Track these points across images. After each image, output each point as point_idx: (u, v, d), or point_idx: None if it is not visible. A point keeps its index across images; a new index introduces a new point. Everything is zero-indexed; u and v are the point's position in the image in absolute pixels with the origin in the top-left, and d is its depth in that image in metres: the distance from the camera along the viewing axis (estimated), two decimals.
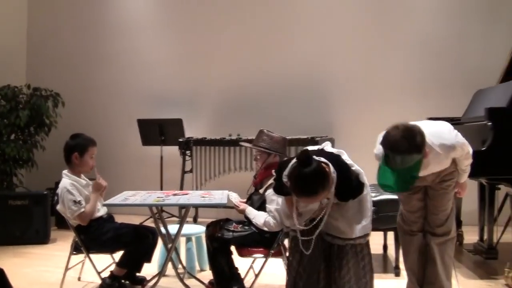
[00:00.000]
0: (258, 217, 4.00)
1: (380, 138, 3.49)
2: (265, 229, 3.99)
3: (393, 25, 7.31)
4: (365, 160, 7.21)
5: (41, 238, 6.46)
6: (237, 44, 7.94)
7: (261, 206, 4.08)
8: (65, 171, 4.44)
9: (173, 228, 4.63)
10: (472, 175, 4.80)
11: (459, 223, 5.89)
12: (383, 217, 4.67)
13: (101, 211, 4.49)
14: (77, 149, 4.44)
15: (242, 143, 4.81)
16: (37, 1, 9.04)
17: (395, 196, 4.83)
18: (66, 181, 4.35)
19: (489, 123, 4.37)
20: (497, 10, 7.05)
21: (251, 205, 4.17)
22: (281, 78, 7.63)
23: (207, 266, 4.86)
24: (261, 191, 4.18)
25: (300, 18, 7.69)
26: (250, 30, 7.88)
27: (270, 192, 4.04)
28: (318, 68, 7.43)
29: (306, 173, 2.83)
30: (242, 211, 4.15)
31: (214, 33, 8.08)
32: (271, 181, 4.13)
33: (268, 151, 4.21)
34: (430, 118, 5.79)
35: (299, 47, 7.62)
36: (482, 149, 4.34)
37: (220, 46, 8.05)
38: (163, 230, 4.54)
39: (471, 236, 5.76)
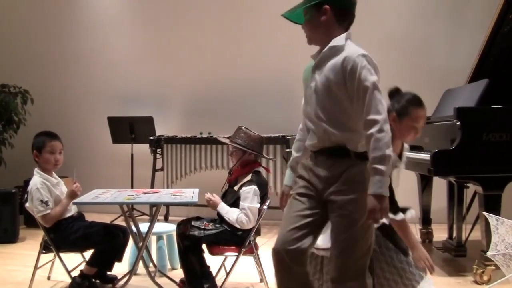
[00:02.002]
0: (231, 213, 4.02)
1: None
2: (237, 226, 4.00)
3: (360, 26, 7.25)
4: None
5: (10, 237, 6.38)
6: (207, 41, 7.93)
7: (234, 203, 4.10)
8: (36, 169, 4.41)
9: (144, 227, 4.60)
10: (441, 174, 4.89)
11: (428, 221, 5.96)
12: None
13: (71, 210, 4.46)
14: (34, 147, 4.41)
15: (219, 138, 4.80)
16: None
17: None
18: (37, 179, 4.31)
19: (458, 123, 4.42)
20: (463, 11, 7.13)
21: (225, 202, 4.18)
22: (251, 76, 7.63)
23: (178, 265, 4.86)
24: (236, 188, 4.19)
25: (269, 14, 7.67)
26: (220, 27, 7.87)
27: (245, 189, 4.06)
28: (287, 66, 7.43)
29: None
30: (215, 205, 4.16)
31: (183, 30, 8.06)
32: (247, 178, 4.15)
33: (244, 148, 4.22)
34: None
35: (269, 44, 7.62)
36: (451, 148, 4.39)
37: (190, 44, 8.03)
38: (134, 228, 4.51)
39: (440, 234, 5.83)
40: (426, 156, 4.53)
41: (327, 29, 2.65)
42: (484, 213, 3.20)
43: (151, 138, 7.16)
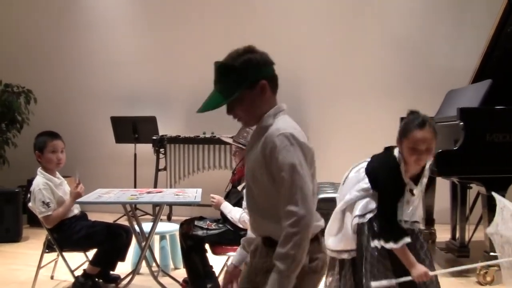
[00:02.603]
0: (234, 212, 4.02)
1: None
2: (240, 225, 4.01)
3: (364, 26, 7.34)
4: (337, 158, 7.27)
5: (13, 237, 6.39)
6: (210, 41, 7.91)
7: (237, 202, 4.10)
8: (40, 169, 4.41)
9: (147, 226, 4.62)
10: (444, 175, 4.89)
11: (431, 222, 5.96)
12: None
13: (74, 210, 4.46)
14: (36, 148, 4.41)
15: (223, 138, 4.81)
16: None
17: None
18: (40, 179, 4.32)
19: (461, 123, 4.43)
20: (465, 12, 7.13)
21: (228, 202, 4.18)
22: None
23: (181, 264, 4.86)
24: (239, 188, 4.19)
25: (272, 15, 7.70)
26: (222, 27, 7.86)
27: None
28: (290, 68, 7.41)
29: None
30: (218, 205, 4.16)
31: (186, 30, 8.05)
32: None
33: (245, 148, 4.22)
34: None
35: (272, 45, 7.57)
36: (454, 148, 4.39)
37: (193, 44, 8.02)
38: (137, 228, 4.53)
39: (443, 235, 5.82)
40: None
41: (265, 103, 2.31)
42: (493, 193, 3.19)
43: (154, 138, 7.16)
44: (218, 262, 4.41)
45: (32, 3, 8.79)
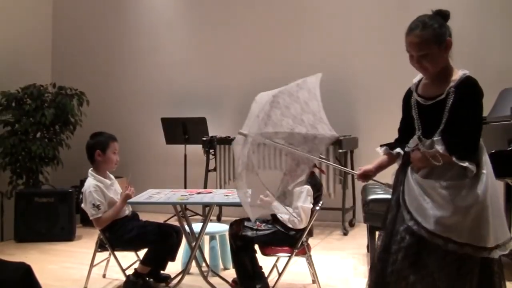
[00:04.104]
0: (284, 212, 4.02)
1: None
2: (289, 225, 4.00)
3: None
4: None
5: (67, 235, 6.52)
6: (259, 42, 7.92)
7: None
8: (91, 170, 4.49)
9: (197, 227, 4.64)
10: (498, 176, 4.78)
11: None
12: None
13: (126, 210, 4.52)
14: (98, 147, 4.48)
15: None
16: (62, 1, 9.12)
17: None
18: (91, 181, 4.40)
19: None
20: None
21: None
22: (304, 76, 7.59)
23: (230, 265, 4.87)
24: (289, 187, 4.18)
25: (322, 15, 7.66)
26: (273, 29, 7.86)
27: (298, 189, 4.05)
28: (341, 67, 7.38)
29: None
30: (269, 203, 4.16)
31: (236, 31, 8.08)
32: (301, 179, 4.13)
33: (298, 149, 4.20)
34: None
35: (322, 45, 7.58)
36: (508, 148, 4.29)
37: (242, 45, 8.05)
38: (187, 228, 4.55)
39: None
40: None
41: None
42: None
43: (204, 138, 7.19)
44: (267, 263, 4.41)
45: (85, 7, 8.95)
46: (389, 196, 4.04)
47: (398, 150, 2.95)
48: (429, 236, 2.59)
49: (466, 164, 2.55)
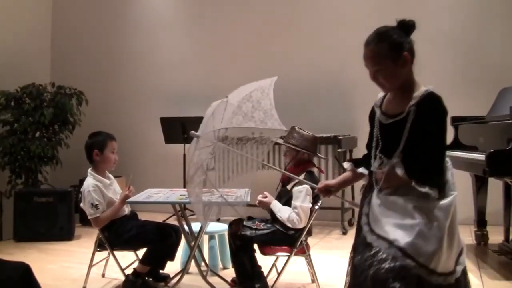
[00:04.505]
0: (283, 211, 4.02)
1: None
2: (288, 224, 4.00)
3: (416, 23, 7.23)
4: None
5: (66, 235, 6.52)
6: (259, 41, 7.93)
7: (287, 202, 4.10)
8: (90, 170, 4.49)
9: (196, 226, 4.64)
10: (497, 175, 4.78)
11: (484, 223, 5.83)
12: None
13: (125, 210, 4.52)
14: (96, 146, 4.48)
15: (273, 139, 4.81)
16: (61, 1, 9.11)
17: None
18: (90, 181, 4.40)
19: None
20: None
21: (279, 201, 4.18)
22: (304, 76, 7.60)
23: (230, 264, 4.88)
24: (288, 187, 4.19)
25: (321, 15, 7.66)
26: (271, 29, 7.86)
27: (297, 189, 4.05)
28: (340, 66, 7.39)
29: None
30: (267, 203, 4.16)
31: (237, 31, 8.09)
32: (300, 177, 4.14)
33: (297, 148, 4.22)
34: (454, 117, 5.76)
35: (321, 44, 7.59)
36: (507, 148, 4.29)
37: (241, 44, 8.06)
38: (186, 227, 4.56)
39: (496, 237, 5.69)
40: (481, 157, 4.44)
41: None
42: None
43: None
44: (266, 262, 4.41)
45: (84, 7, 8.95)
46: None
47: (361, 170, 2.76)
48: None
49: (426, 189, 2.39)
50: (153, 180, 6.73)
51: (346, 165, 2.94)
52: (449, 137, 5.80)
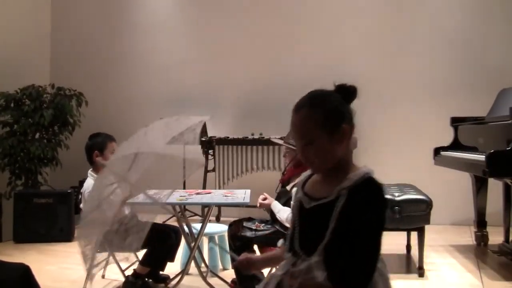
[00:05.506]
0: (282, 212, 4.02)
1: None
2: (287, 225, 4.00)
3: (414, 25, 7.25)
4: (387, 159, 7.20)
5: (65, 236, 6.52)
6: (258, 43, 7.93)
7: (286, 202, 4.09)
8: (90, 171, 4.50)
9: (196, 227, 4.64)
10: (497, 176, 4.78)
11: (483, 224, 5.83)
12: (406, 217, 4.65)
13: (125, 210, 4.52)
14: (96, 147, 4.48)
15: (273, 139, 4.82)
16: (61, 2, 9.11)
17: (418, 196, 4.82)
18: (90, 182, 4.39)
19: None
20: None
21: (278, 202, 4.17)
22: (303, 77, 7.57)
23: (229, 265, 4.88)
24: (288, 187, 4.19)
25: (321, 16, 7.66)
26: (271, 30, 7.86)
27: (296, 189, 4.05)
28: (340, 67, 7.39)
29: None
30: (267, 204, 4.16)
31: (236, 33, 8.08)
32: (299, 179, 4.14)
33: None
34: (454, 117, 5.77)
35: (321, 46, 7.59)
36: (507, 149, 4.29)
37: (241, 46, 8.05)
38: (186, 229, 4.56)
39: (496, 237, 5.69)
40: (481, 157, 4.44)
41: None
42: None
43: (203, 139, 7.20)
44: None
45: (84, 8, 8.95)
46: (388, 196, 4.07)
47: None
48: None
49: None
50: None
51: (279, 243, 2.58)
52: (449, 137, 5.81)
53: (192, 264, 4.42)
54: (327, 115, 2.02)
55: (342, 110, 2.09)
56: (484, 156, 4.34)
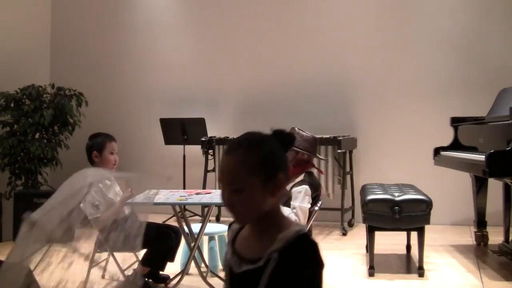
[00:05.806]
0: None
1: None
2: None
3: (415, 23, 7.24)
4: (387, 159, 7.20)
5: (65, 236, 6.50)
6: (258, 43, 7.94)
7: (286, 202, 4.10)
8: None
9: (196, 227, 4.64)
10: (497, 176, 4.78)
11: (483, 224, 5.83)
12: (406, 217, 4.65)
13: (125, 211, 4.52)
14: (95, 148, 4.47)
15: None
16: (61, 2, 9.11)
17: (418, 196, 4.83)
18: None
19: None
20: None
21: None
22: (303, 77, 7.61)
23: None
24: (287, 187, 4.19)
25: (320, 16, 7.66)
26: (271, 29, 7.87)
27: (296, 189, 4.05)
28: (340, 67, 7.40)
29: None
30: None
31: (236, 32, 8.09)
32: (299, 178, 4.14)
33: (296, 149, 4.22)
34: (454, 117, 5.77)
35: (320, 46, 7.59)
36: (507, 149, 4.29)
37: (241, 46, 8.06)
38: (186, 229, 4.56)
39: (496, 237, 5.70)
40: (481, 157, 4.44)
41: None
42: None
43: (203, 139, 7.20)
44: None
45: (84, 8, 8.94)
46: (388, 197, 4.07)
47: None
48: None
49: None
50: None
51: None
52: (449, 137, 5.81)
53: (192, 264, 4.42)
54: (264, 161, 1.74)
55: (281, 157, 1.81)
56: (484, 156, 4.34)
